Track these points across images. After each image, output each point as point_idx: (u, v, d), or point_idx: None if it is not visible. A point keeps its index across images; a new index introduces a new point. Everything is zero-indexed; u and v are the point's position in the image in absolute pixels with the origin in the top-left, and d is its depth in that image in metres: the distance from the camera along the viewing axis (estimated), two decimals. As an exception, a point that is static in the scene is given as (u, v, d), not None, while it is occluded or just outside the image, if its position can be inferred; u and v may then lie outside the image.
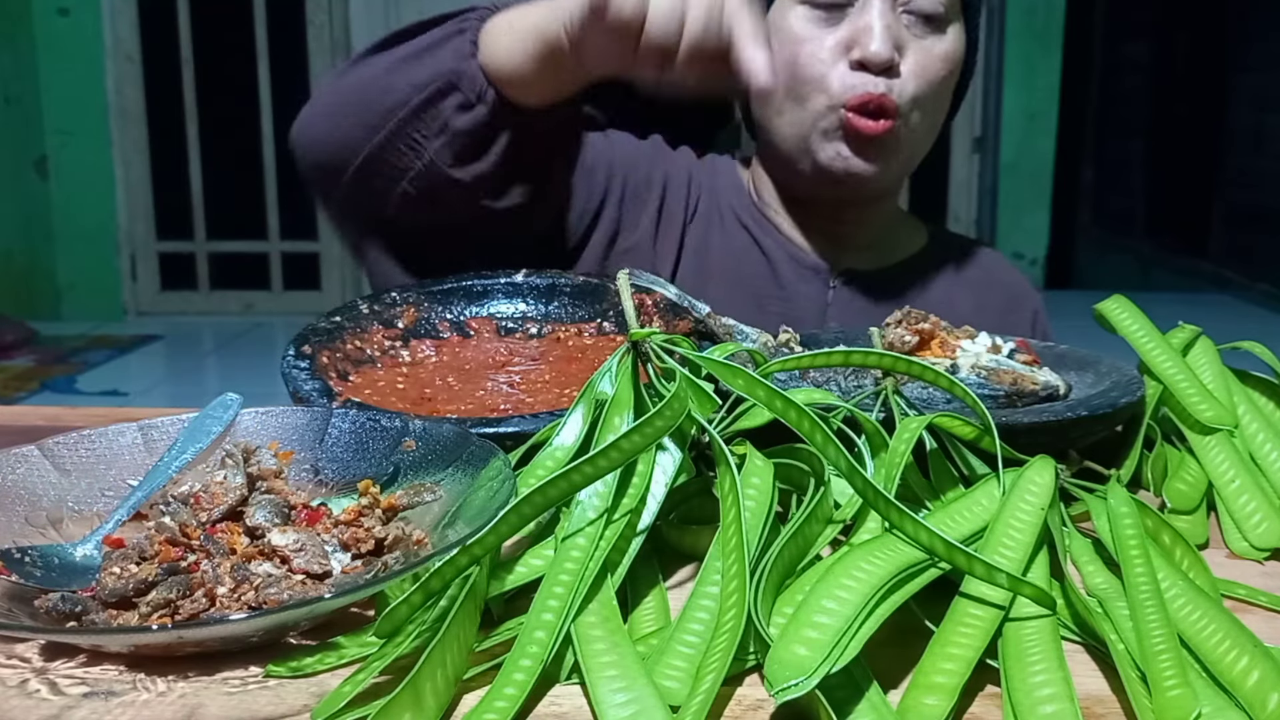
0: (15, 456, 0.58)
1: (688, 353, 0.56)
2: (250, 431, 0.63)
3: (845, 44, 0.95)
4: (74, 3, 4.48)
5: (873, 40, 0.93)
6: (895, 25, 0.95)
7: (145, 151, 4.68)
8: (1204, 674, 0.45)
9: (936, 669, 0.43)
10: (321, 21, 4.57)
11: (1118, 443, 0.70)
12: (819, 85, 0.96)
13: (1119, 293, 0.78)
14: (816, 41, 0.96)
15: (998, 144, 4.78)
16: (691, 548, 0.56)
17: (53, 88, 4.53)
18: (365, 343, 0.80)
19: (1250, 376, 0.72)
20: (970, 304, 1.07)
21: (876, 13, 0.94)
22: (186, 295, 4.83)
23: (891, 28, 0.94)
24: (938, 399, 0.69)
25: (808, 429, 0.52)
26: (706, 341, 0.73)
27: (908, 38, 0.96)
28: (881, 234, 1.09)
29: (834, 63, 0.95)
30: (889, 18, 0.95)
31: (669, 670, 0.44)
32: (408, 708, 0.41)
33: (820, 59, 0.96)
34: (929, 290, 1.08)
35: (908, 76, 0.96)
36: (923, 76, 0.96)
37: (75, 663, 0.47)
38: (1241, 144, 5.00)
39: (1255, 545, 0.60)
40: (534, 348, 0.81)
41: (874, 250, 1.08)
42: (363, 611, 0.52)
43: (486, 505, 0.51)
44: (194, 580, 0.49)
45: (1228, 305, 4.73)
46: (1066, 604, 0.49)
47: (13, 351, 4.07)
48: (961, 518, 0.54)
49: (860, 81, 0.95)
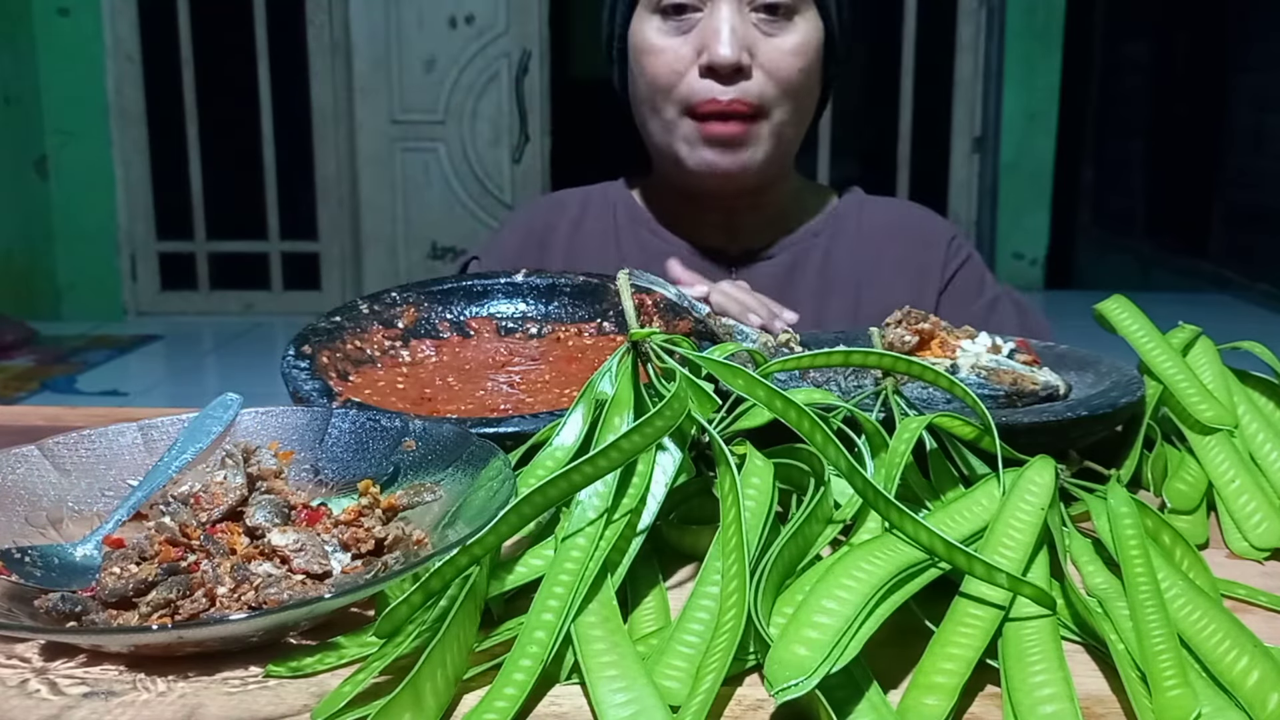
0: (15, 456, 0.58)
1: (688, 353, 0.56)
2: (250, 431, 0.63)
3: (696, 50, 0.97)
4: (74, 3, 4.48)
5: (719, 44, 0.95)
6: (743, 26, 0.96)
7: (145, 151, 4.68)
8: (1204, 674, 0.45)
9: (936, 669, 0.43)
10: (321, 21, 4.57)
11: (1118, 443, 0.70)
12: (671, 95, 0.98)
13: (1119, 293, 0.78)
14: (670, 51, 0.98)
15: (998, 144, 4.78)
16: (691, 548, 0.56)
17: (53, 88, 4.53)
18: (365, 343, 0.80)
19: (1250, 376, 0.72)
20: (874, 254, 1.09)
21: (722, 16, 0.95)
22: (186, 295, 4.83)
23: (737, 30, 0.95)
24: (938, 399, 0.69)
25: (808, 429, 0.52)
26: (706, 341, 0.73)
27: (757, 36, 0.97)
28: (778, 212, 1.11)
29: (686, 71, 0.98)
30: (735, 19, 0.96)
31: (669, 670, 0.44)
32: (408, 708, 0.41)
33: (673, 69, 0.98)
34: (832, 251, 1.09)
35: (760, 76, 0.97)
36: (776, 74, 0.97)
37: (75, 663, 0.47)
38: (1241, 144, 5.00)
39: (1255, 545, 0.60)
40: (534, 348, 0.81)
41: (773, 228, 1.10)
42: (363, 611, 0.52)
43: (486, 505, 0.51)
44: (194, 580, 0.49)
45: (1228, 305, 4.73)
46: (1066, 604, 0.49)
47: (13, 351, 4.07)
48: (961, 518, 0.54)
49: (707, 88, 0.97)
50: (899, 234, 1.12)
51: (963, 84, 4.76)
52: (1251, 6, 4.91)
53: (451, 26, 4.53)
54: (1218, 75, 5.18)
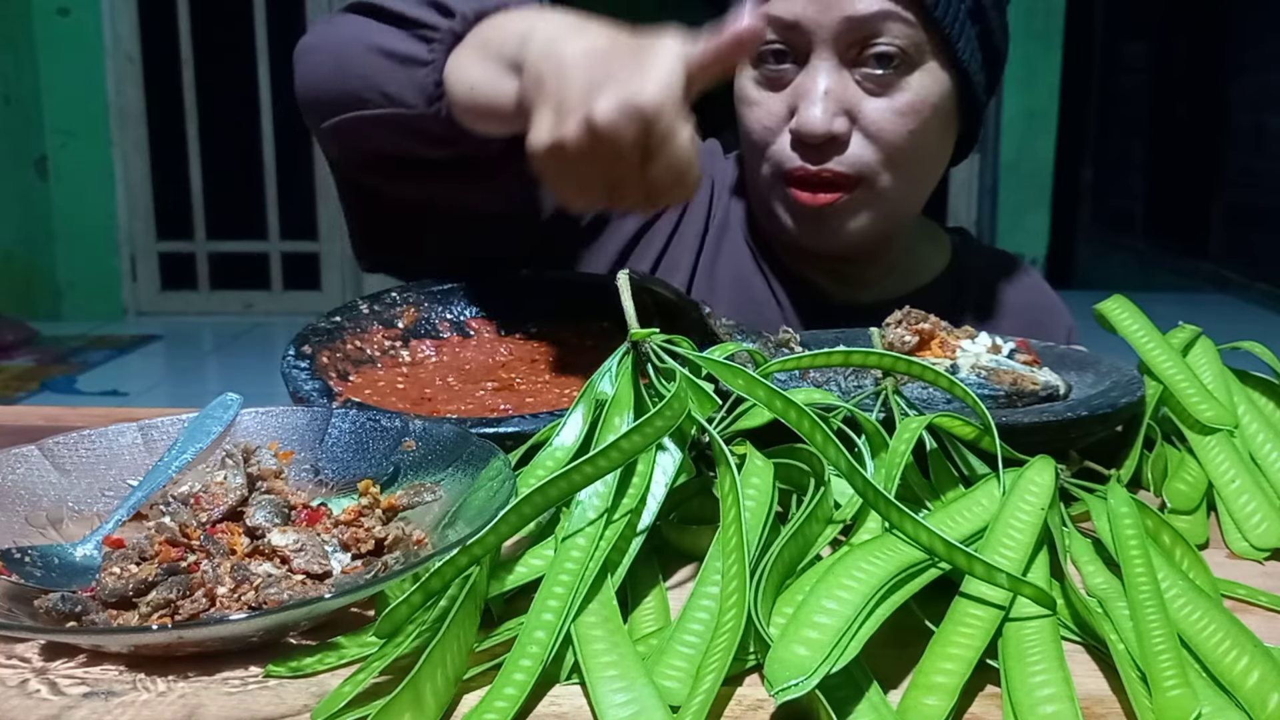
0: (15, 456, 0.58)
1: (688, 353, 0.56)
2: (250, 431, 0.63)
3: (789, 108, 0.87)
4: (74, 3, 4.48)
5: (811, 108, 0.84)
6: (840, 85, 0.85)
7: (145, 151, 4.68)
8: (1204, 674, 0.45)
9: (936, 669, 0.43)
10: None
11: (1118, 443, 0.70)
12: (764, 154, 0.89)
13: (1119, 293, 0.77)
14: (763, 107, 0.88)
15: (998, 144, 4.78)
16: (691, 548, 0.56)
17: (53, 88, 4.53)
18: (365, 343, 0.80)
19: (1250, 376, 0.72)
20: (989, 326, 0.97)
21: (818, 75, 0.85)
22: (186, 295, 4.83)
23: (833, 91, 0.84)
24: (938, 399, 0.69)
25: (808, 429, 0.52)
26: (706, 341, 0.73)
27: (859, 96, 0.85)
28: (894, 265, 1.00)
29: (779, 131, 0.88)
30: (831, 79, 0.84)
31: (669, 670, 0.44)
32: (408, 708, 0.41)
33: (766, 126, 0.88)
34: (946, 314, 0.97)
35: (861, 141, 0.86)
36: (880, 139, 0.86)
37: (75, 663, 0.47)
38: (1241, 144, 5.00)
39: (1255, 545, 0.60)
40: (534, 348, 0.81)
41: (886, 281, 0.99)
42: (363, 611, 0.52)
43: (486, 505, 0.51)
44: (194, 580, 0.49)
45: (1228, 305, 4.73)
46: (1066, 604, 0.49)
47: (13, 351, 4.07)
48: (961, 518, 0.54)
49: (798, 156, 0.87)
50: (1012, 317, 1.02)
51: (963, 84, 4.76)
52: (1251, 7, 4.91)
53: (451, 26, 4.52)
54: (1218, 75, 5.18)
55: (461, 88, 0.75)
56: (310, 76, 0.86)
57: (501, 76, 0.71)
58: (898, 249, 0.99)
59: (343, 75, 0.82)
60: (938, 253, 1.04)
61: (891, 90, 0.86)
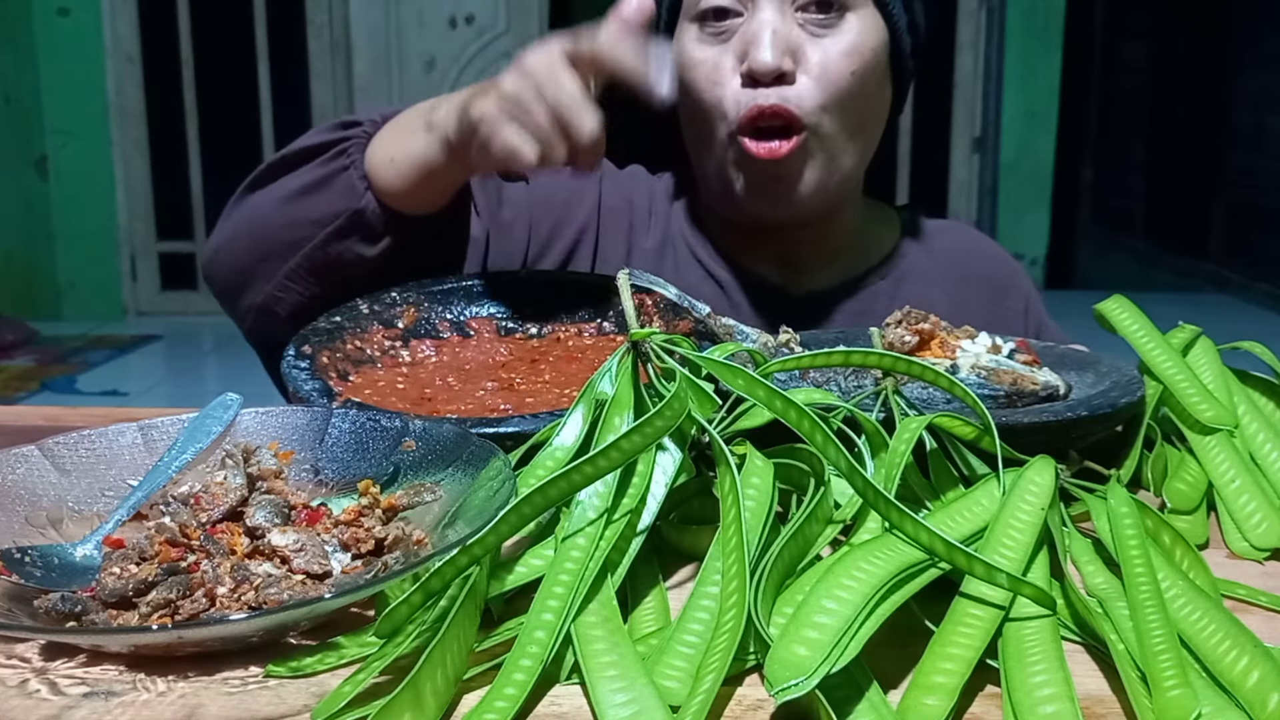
0: (15, 456, 0.58)
1: (688, 353, 0.56)
2: (250, 431, 0.63)
3: (737, 58, 0.89)
4: (74, 3, 4.48)
5: (758, 49, 0.86)
6: (786, 29, 0.88)
7: (145, 151, 4.68)
8: (1204, 674, 0.45)
9: (936, 669, 0.43)
10: (321, 21, 4.57)
11: (1118, 443, 0.70)
12: (717, 110, 0.90)
13: (1119, 293, 0.77)
14: (709, 63, 0.90)
15: (998, 144, 4.78)
16: (691, 548, 0.56)
17: (53, 88, 4.53)
18: (365, 343, 0.80)
19: (1250, 376, 0.72)
20: (947, 303, 0.99)
21: (763, 19, 0.87)
22: (186, 295, 4.83)
23: (780, 32, 0.87)
24: (938, 399, 0.69)
25: (808, 429, 0.52)
26: (706, 341, 0.73)
27: (803, 39, 0.88)
28: (842, 246, 1.01)
29: (728, 82, 0.89)
30: (777, 22, 0.87)
31: (669, 670, 0.44)
32: (408, 708, 0.41)
33: (715, 80, 0.89)
34: (899, 298, 0.98)
35: (807, 83, 0.88)
36: (825, 79, 0.88)
37: (75, 663, 0.47)
38: (1241, 144, 5.00)
39: (1255, 545, 0.60)
40: (534, 348, 0.81)
41: (836, 265, 1.01)
42: (363, 611, 0.52)
43: (486, 505, 0.51)
44: (194, 580, 0.49)
45: (1228, 305, 4.73)
46: (1066, 604, 0.49)
47: (13, 351, 4.07)
48: (961, 518, 0.54)
49: (749, 96, 0.88)
50: (967, 284, 1.03)
51: (963, 84, 4.76)
52: (1251, 7, 4.91)
53: (451, 26, 4.53)
54: (1218, 75, 5.18)
55: (383, 165, 0.82)
56: (229, 266, 0.90)
57: (416, 135, 0.81)
58: (843, 229, 1.01)
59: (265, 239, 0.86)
60: (886, 232, 1.06)
61: (834, 31, 0.89)
